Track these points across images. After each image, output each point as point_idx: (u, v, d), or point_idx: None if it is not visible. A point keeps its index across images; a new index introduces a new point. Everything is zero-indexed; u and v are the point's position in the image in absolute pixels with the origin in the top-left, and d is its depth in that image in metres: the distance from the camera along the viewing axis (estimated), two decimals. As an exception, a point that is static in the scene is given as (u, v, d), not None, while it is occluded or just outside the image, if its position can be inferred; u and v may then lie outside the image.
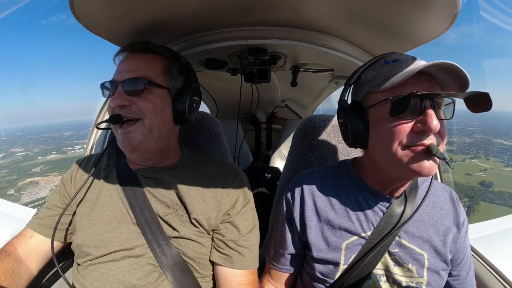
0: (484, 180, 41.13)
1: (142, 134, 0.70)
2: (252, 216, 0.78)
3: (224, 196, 0.75)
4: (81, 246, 0.71)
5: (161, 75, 0.73)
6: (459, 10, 0.66)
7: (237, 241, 0.74)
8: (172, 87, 0.75)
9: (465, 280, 0.72)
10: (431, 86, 0.58)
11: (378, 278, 0.66)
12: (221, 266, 0.73)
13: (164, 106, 0.73)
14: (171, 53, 0.79)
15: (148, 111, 0.70)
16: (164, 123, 0.73)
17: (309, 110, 2.28)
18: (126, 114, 0.69)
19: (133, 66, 0.72)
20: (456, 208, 0.72)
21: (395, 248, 0.67)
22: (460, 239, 0.70)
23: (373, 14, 0.78)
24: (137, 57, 0.74)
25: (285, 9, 0.81)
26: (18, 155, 58.08)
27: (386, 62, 0.63)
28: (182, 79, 0.78)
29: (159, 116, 0.72)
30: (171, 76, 0.75)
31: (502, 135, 59.86)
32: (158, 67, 0.74)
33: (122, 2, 0.72)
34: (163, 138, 0.74)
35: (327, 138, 1.01)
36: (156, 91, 0.72)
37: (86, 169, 0.82)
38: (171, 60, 0.77)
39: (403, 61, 0.60)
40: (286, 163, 1.06)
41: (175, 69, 0.77)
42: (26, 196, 37.50)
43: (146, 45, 0.76)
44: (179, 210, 0.73)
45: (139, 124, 0.70)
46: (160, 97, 0.72)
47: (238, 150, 1.84)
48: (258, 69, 1.06)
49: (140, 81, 0.69)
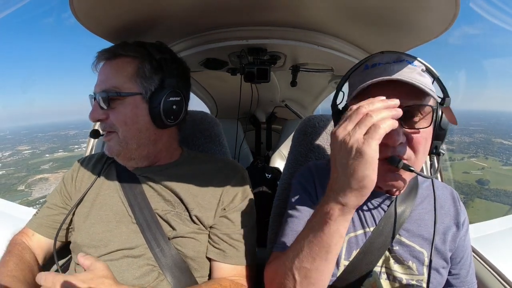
0: (481, 178, 41.78)
1: (119, 145, 0.70)
2: (250, 212, 0.77)
3: (224, 192, 0.75)
4: (81, 246, 0.71)
5: (130, 80, 0.69)
6: (459, 10, 0.67)
7: (231, 234, 0.72)
8: (145, 91, 0.70)
9: (465, 278, 0.72)
10: (400, 95, 0.52)
11: (378, 276, 0.67)
12: (216, 261, 0.72)
13: (137, 114, 0.69)
14: (144, 50, 0.72)
15: (119, 123, 0.69)
16: (140, 131, 0.70)
17: (309, 110, 2.28)
18: (103, 128, 0.71)
19: (103, 76, 0.71)
20: (457, 207, 0.72)
21: (396, 246, 0.67)
22: (460, 238, 0.70)
23: (373, 14, 0.78)
24: (109, 64, 0.71)
25: (285, 9, 0.81)
26: (25, 153, 58.80)
27: (366, 67, 0.62)
28: (157, 79, 0.71)
29: (131, 127, 0.69)
30: (143, 78, 0.70)
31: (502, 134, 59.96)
32: (127, 72, 0.69)
33: (121, 2, 0.72)
34: (145, 146, 0.72)
35: (327, 138, 1.01)
36: (127, 100, 0.69)
37: (87, 168, 0.82)
38: (144, 59, 0.71)
39: (382, 65, 0.58)
40: (286, 163, 1.06)
41: (147, 68, 0.70)
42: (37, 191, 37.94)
43: (115, 50, 0.72)
44: (178, 208, 0.72)
45: (115, 136, 0.70)
46: (131, 105, 0.69)
47: (238, 150, 1.84)
48: (258, 69, 1.06)
49: (110, 93, 0.68)
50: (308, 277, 0.51)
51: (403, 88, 0.55)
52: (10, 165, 52.39)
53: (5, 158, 56.45)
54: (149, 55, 0.71)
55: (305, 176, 0.74)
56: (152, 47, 0.73)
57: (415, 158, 0.57)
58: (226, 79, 1.49)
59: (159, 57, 0.72)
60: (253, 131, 2.55)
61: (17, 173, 47.99)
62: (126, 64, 0.70)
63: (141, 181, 0.75)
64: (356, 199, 0.46)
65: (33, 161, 53.23)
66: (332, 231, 0.48)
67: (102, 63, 0.73)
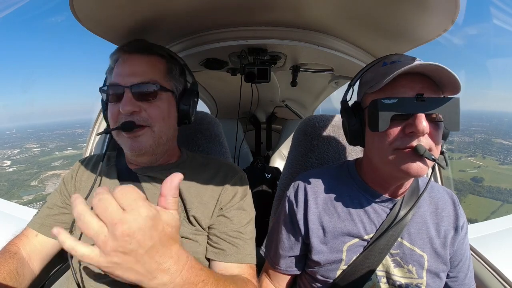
0: (476, 176, 43.20)
1: (153, 139, 0.69)
2: (248, 210, 0.77)
3: (222, 192, 0.75)
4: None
5: (165, 78, 0.72)
6: (459, 10, 0.67)
7: (229, 232, 0.72)
8: (176, 90, 0.75)
9: (463, 281, 0.73)
10: (424, 87, 0.58)
11: (378, 279, 0.66)
12: (216, 261, 0.71)
13: (170, 110, 0.73)
14: (169, 54, 0.78)
15: (157, 118, 0.69)
16: (170, 128, 0.74)
17: (309, 110, 2.28)
18: (137, 122, 0.67)
19: (137, 69, 0.69)
20: (457, 211, 0.73)
21: (396, 249, 0.67)
22: (459, 241, 0.70)
23: (373, 14, 0.78)
24: (140, 58, 0.71)
25: (285, 9, 0.81)
26: (34, 151, 59.56)
27: (384, 63, 0.64)
28: (183, 81, 0.79)
29: (167, 122, 0.72)
30: (174, 78, 0.75)
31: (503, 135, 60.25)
32: (162, 70, 0.73)
33: (121, 2, 0.71)
34: (170, 141, 0.76)
35: (327, 138, 1.01)
36: (164, 96, 0.71)
37: (86, 168, 0.82)
38: (172, 61, 0.76)
39: (401, 63, 0.60)
40: (286, 163, 1.06)
41: (177, 70, 0.76)
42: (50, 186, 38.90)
43: (147, 45, 0.74)
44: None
45: (148, 130, 0.69)
46: (167, 102, 0.72)
47: (238, 150, 1.84)
48: (258, 69, 1.06)
49: (151, 86, 0.68)
50: None
51: (427, 82, 0.58)
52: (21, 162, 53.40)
53: (14, 155, 57.61)
54: (176, 60, 0.78)
55: (296, 194, 0.76)
56: (172, 52, 0.80)
57: (435, 149, 0.59)
58: (226, 79, 1.49)
59: (182, 62, 0.80)
60: (253, 131, 2.55)
61: (28, 169, 48.95)
62: (159, 62, 0.73)
63: (141, 181, 0.75)
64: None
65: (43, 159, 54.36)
66: None
67: (127, 55, 0.71)
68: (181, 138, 0.87)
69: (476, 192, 38.38)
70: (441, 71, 0.54)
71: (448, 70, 0.53)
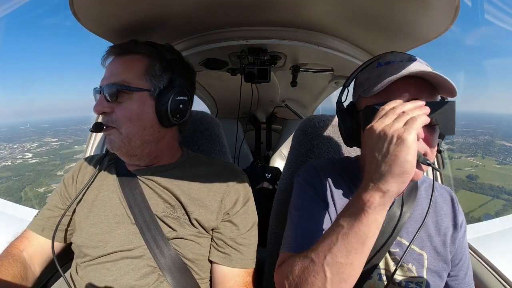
0: (471, 174, 44.36)
1: (121, 141, 0.69)
2: (251, 214, 0.78)
3: (225, 196, 0.75)
4: (80, 246, 0.71)
5: (140, 77, 0.70)
6: (459, 10, 0.67)
7: (236, 239, 0.73)
8: (153, 88, 0.70)
9: (463, 280, 0.73)
10: (420, 90, 0.56)
11: (378, 278, 0.66)
12: (219, 265, 0.73)
13: (143, 110, 0.70)
14: (155, 50, 0.73)
15: (124, 119, 0.68)
16: (145, 129, 0.70)
17: (309, 110, 2.28)
18: (106, 122, 0.69)
19: (113, 70, 0.70)
20: (455, 209, 0.73)
21: (396, 248, 0.67)
22: (458, 240, 0.70)
23: (373, 14, 0.78)
24: (119, 60, 0.72)
25: (285, 9, 0.81)
26: (53, 144, 60.64)
27: (379, 64, 0.62)
28: (167, 78, 0.73)
29: (136, 123, 0.69)
30: (153, 76, 0.71)
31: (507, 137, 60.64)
32: (137, 69, 0.70)
33: (121, 2, 0.71)
34: (148, 143, 0.72)
35: (327, 138, 1.01)
36: (135, 96, 0.69)
37: (87, 169, 0.82)
38: (154, 57, 0.72)
39: (396, 63, 0.59)
40: (286, 163, 1.06)
41: (158, 67, 0.72)
42: None
43: (128, 46, 0.73)
44: (178, 211, 0.72)
45: (115, 131, 0.69)
46: (138, 102, 0.69)
47: (238, 150, 1.83)
48: (258, 69, 1.06)
49: (114, 87, 0.67)
50: (340, 273, 0.50)
51: (422, 85, 0.57)
52: (42, 155, 54.86)
53: (34, 149, 58.66)
54: (160, 55, 0.73)
55: (311, 173, 0.73)
56: (162, 48, 0.75)
57: (430, 153, 0.58)
58: (226, 79, 1.49)
59: (169, 57, 0.74)
60: (253, 131, 2.55)
61: (51, 161, 50.87)
62: (137, 61, 0.71)
63: (140, 182, 0.75)
64: (397, 186, 0.47)
65: (65, 151, 55.70)
66: (371, 220, 0.48)
67: (112, 58, 0.73)
68: (181, 138, 0.87)
69: (468, 188, 39.19)
70: (434, 77, 0.54)
71: (443, 77, 0.52)
